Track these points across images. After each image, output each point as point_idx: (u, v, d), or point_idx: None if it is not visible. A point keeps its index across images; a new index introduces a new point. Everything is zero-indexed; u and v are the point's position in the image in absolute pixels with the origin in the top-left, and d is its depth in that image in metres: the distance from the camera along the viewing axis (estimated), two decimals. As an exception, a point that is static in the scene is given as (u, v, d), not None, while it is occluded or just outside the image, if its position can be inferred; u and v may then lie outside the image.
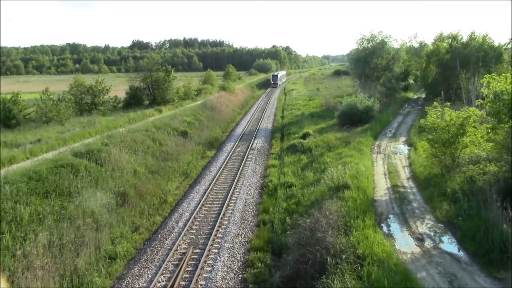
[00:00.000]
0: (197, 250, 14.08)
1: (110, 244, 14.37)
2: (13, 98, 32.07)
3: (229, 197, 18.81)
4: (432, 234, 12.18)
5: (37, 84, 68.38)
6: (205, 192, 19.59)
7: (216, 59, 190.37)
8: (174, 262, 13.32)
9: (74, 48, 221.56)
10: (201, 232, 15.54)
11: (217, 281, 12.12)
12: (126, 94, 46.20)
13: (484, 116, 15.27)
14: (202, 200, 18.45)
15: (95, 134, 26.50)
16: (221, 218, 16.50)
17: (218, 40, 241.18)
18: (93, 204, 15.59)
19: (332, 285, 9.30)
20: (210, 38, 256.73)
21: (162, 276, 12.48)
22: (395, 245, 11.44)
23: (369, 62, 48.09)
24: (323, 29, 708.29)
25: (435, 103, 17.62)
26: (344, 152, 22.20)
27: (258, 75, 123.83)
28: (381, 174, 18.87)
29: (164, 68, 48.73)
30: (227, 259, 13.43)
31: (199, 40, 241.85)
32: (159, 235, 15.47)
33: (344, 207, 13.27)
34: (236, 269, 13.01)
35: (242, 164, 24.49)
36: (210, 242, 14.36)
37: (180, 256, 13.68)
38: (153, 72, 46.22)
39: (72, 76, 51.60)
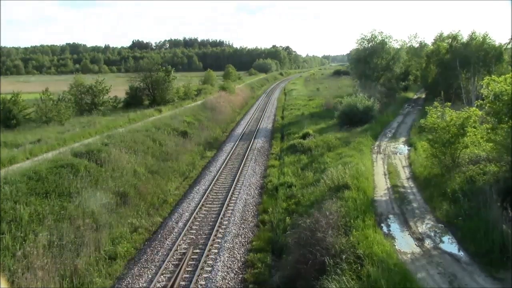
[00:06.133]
0: (197, 250, 14.06)
1: (110, 244, 14.36)
2: (13, 98, 32.01)
3: (229, 197, 18.80)
4: (432, 234, 12.18)
5: (37, 84, 68.20)
6: (205, 192, 19.58)
7: (216, 59, 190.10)
8: (174, 262, 13.31)
9: (74, 48, 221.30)
10: (201, 232, 15.53)
11: (217, 281, 12.12)
12: (126, 94, 46.16)
13: (484, 116, 15.27)
14: (202, 200, 18.44)
15: (95, 134, 26.49)
16: (221, 218, 16.49)
17: (218, 40, 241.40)
18: (93, 204, 15.58)
19: (332, 285, 9.30)
20: (210, 38, 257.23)
21: (162, 276, 12.47)
22: (395, 245, 11.44)
23: (369, 62, 47.99)
24: (323, 29, 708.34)
25: (435, 103, 17.63)
26: (344, 152, 22.20)
27: (258, 75, 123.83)
28: (381, 174, 18.87)
29: (164, 68, 48.65)
30: (227, 259, 13.43)
31: (199, 40, 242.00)
32: (159, 235, 15.46)
33: (344, 207, 13.27)
34: (236, 269, 13.01)
35: (242, 164, 24.48)
36: (210, 242, 14.35)
37: (180, 256, 13.66)
38: (153, 72, 46.17)
39: (72, 76, 51.53)
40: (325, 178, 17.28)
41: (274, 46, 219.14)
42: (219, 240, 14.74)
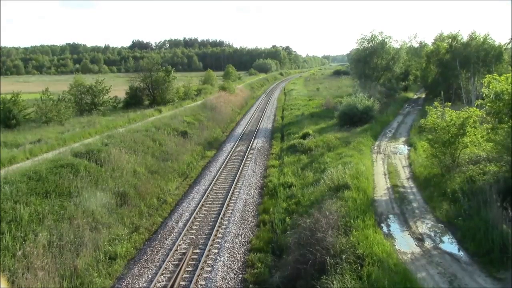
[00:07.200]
0: (197, 250, 14.07)
1: (110, 244, 14.35)
2: (13, 98, 32.03)
3: (229, 197, 18.80)
4: (432, 234, 12.18)
5: (37, 84, 68.29)
6: (205, 192, 19.58)
7: (216, 59, 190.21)
8: (174, 262, 13.31)
9: (74, 48, 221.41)
10: (201, 232, 15.53)
11: (217, 281, 12.11)
12: (126, 94, 46.19)
13: (484, 116, 15.27)
14: (202, 200, 18.44)
15: (95, 134, 26.50)
16: (221, 218, 16.49)
17: (218, 40, 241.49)
18: (93, 204, 15.58)
19: (332, 285, 9.30)
20: (210, 38, 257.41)
21: (162, 276, 12.47)
22: (395, 245, 11.45)
23: (369, 62, 48.03)
24: (323, 29, 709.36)
25: (435, 103, 17.63)
26: (344, 152, 22.19)
27: (258, 75, 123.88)
28: (381, 174, 18.87)
29: (164, 68, 48.72)
30: (227, 259, 13.43)
31: (199, 40, 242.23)
32: (159, 235, 15.45)
33: (344, 207, 13.28)
34: (236, 269, 13.01)
35: (242, 164, 24.47)
36: (210, 242, 14.35)
37: (180, 256, 13.67)
38: (153, 72, 46.22)
39: (72, 76, 51.67)
40: (325, 178, 17.28)
41: (274, 46, 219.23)
42: (219, 240, 14.74)
